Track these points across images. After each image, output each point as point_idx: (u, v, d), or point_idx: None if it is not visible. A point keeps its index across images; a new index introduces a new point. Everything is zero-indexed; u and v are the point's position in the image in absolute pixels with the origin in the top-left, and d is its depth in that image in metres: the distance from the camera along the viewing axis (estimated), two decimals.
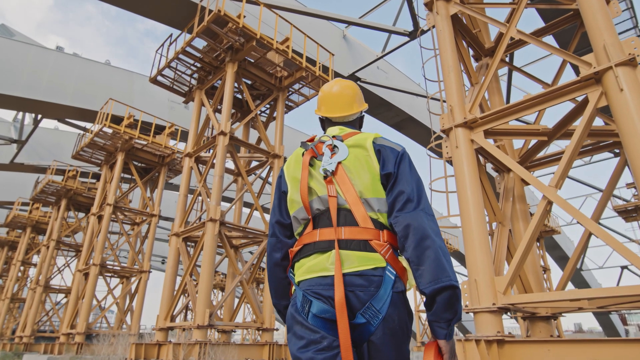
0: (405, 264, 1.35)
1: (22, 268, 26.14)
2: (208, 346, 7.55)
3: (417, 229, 1.27)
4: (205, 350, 7.45)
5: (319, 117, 1.74)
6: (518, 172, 4.23)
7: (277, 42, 9.99)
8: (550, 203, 3.96)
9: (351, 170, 1.44)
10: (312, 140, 1.60)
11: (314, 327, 1.26)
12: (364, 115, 1.77)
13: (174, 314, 8.92)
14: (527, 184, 5.76)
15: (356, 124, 1.71)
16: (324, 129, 1.73)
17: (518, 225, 5.50)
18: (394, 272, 1.30)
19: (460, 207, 4.47)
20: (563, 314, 5.16)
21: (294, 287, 1.42)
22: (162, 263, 35.55)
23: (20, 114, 17.93)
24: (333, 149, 1.50)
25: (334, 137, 1.55)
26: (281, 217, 1.56)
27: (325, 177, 1.45)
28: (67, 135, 20.53)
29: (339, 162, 1.46)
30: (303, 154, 1.54)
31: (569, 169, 4.10)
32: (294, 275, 1.43)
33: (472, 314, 4.02)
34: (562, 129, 4.86)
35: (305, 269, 1.37)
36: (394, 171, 1.40)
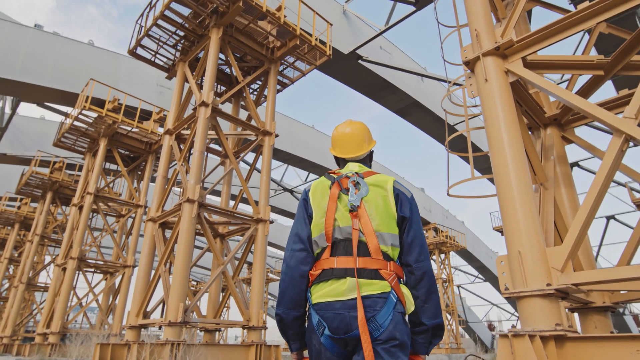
0: (405, 291, 1.59)
1: (12, 267, 25.12)
2: (182, 346, 6.40)
3: (430, 277, 1.62)
4: (177, 351, 6.30)
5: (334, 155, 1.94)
6: (579, 104, 3.04)
7: (268, 7, 8.87)
8: (627, 141, 2.79)
9: (370, 207, 1.65)
10: (334, 173, 1.81)
11: (325, 347, 1.54)
12: (373, 151, 1.96)
13: (148, 309, 7.78)
14: (569, 142, 4.58)
15: (367, 160, 1.92)
16: (338, 164, 1.94)
17: (559, 191, 4.31)
18: (396, 296, 1.55)
19: (493, 157, 3.30)
20: (622, 304, 3.97)
21: (308, 305, 1.65)
22: None
23: (1, 101, 16.88)
24: (356, 185, 1.70)
25: (356, 173, 1.75)
26: (310, 233, 1.71)
27: (351, 211, 1.64)
28: (54, 125, 19.47)
29: (362, 198, 1.67)
30: (330, 187, 1.72)
31: None
32: (311, 295, 1.62)
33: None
34: (624, 59, 3.68)
35: (323, 293, 1.57)
36: (409, 216, 1.66)
